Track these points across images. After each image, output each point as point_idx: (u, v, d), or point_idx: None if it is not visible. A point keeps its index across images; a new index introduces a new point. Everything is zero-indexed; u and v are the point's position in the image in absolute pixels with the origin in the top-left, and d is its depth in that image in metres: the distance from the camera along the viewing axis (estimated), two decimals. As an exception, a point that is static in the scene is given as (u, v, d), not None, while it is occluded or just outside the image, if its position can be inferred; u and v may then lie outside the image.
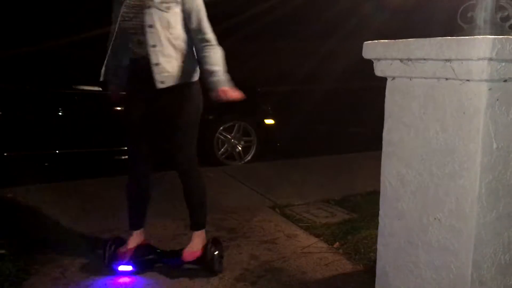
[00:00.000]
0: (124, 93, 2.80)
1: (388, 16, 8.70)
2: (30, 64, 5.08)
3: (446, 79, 1.63)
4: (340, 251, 3.06)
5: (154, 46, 2.50)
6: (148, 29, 2.49)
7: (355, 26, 8.56)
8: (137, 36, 2.54)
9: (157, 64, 2.51)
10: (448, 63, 1.58)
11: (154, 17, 2.48)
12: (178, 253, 2.78)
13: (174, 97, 2.61)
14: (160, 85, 2.54)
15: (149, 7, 2.48)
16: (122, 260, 2.71)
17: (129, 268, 2.70)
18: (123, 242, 2.82)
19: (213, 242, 2.77)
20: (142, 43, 2.52)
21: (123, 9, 2.54)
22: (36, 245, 3.10)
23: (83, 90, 5.09)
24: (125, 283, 2.65)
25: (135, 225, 2.83)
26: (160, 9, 2.49)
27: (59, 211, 3.77)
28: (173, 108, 2.63)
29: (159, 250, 2.86)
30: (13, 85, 4.86)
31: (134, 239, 2.81)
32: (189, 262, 2.73)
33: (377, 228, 2.00)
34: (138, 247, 2.79)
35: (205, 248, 2.73)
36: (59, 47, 5.45)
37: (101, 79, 2.68)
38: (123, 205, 3.69)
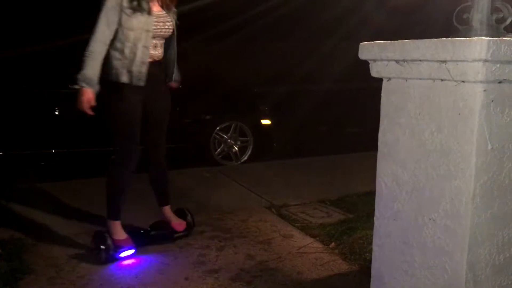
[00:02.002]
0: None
1: (385, 17, 8.71)
2: (26, 64, 5.07)
3: (442, 80, 1.63)
4: (336, 251, 3.07)
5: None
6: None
7: (352, 27, 8.57)
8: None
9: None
10: (443, 64, 1.59)
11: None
12: (167, 226, 3.21)
13: None
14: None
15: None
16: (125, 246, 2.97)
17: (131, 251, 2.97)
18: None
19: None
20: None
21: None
22: (32, 245, 3.10)
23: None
24: (119, 280, 2.65)
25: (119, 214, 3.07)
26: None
27: (55, 210, 3.76)
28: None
29: (146, 230, 3.23)
30: (9, 84, 4.85)
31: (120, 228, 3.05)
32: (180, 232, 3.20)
33: (372, 229, 2.01)
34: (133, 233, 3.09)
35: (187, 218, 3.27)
36: (55, 46, 5.43)
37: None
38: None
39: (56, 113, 4.90)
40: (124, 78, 2.82)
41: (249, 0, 8.28)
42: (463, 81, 1.56)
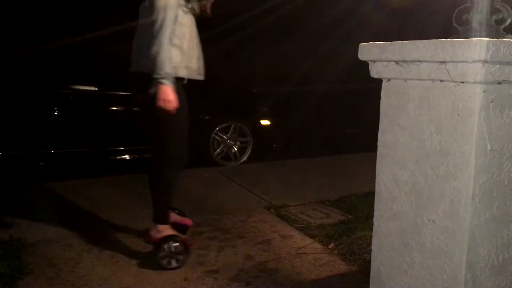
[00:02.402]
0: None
1: (386, 18, 8.72)
2: (26, 64, 5.07)
3: (441, 81, 1.63)
4: (335, 252, 3.07)
5: None
6: None
7: (352, 27, 8.58)
8: None
9: None
10: (443, 65, 1.59)
11: None
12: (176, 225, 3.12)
13: None
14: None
15: None
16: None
17: None
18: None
19: None
20: None
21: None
22: (31, 245, 3.10)
23: (79, 90, 5.09)
24: (118, 280, 2.65)
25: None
26: None
27: (54, 210, 3.76)
28: None
29: None
30: (8, 85, 4.85)
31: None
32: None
33: (371, 229, 2.01)
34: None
35: None
36: (54, 47, 5.44)
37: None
38: (117, 205, 3.70)
39: (55, 113, 4.90)
40: (183, 73, 2.84)
41: (249, 0, 8.28)
42: (462, 82, 1.56)
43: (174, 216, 3.23)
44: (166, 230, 2.90)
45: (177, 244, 2.81)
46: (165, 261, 2.79)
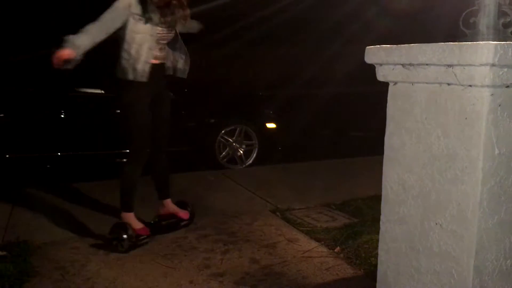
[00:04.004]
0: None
1: (391, 21, 8.70)
2: (32, 67, 5.10)
3: (448, 84, 1.63)
4: (341, 255, 3.06)
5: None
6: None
7: (358, 30, 8.56)
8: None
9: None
10: (450, 69, 1.59)
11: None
12: (173, 216, 3.47)
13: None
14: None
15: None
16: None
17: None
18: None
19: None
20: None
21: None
22: (38, 247, 3.11)
23: (85, 92, 5.11)
24: (124, 283, 2.65)
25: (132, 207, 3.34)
26: None
27: (61, 213, 3.78)
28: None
29: (155, 221, 3.49)
30: (15, 87, 4.88)
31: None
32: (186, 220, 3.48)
33: (378, 233, 2.00)
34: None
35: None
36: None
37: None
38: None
39: (62, 116, 4.92)
40: (130, 76, 3.07)
41: (255, 4, 8.29)
42: (470, 86, 1.55)
43: (171, 206, 3.49)
44: (124, 217, 3.24)
45: (125, 235, 3.08)
46: (114, 243, 3.11)
